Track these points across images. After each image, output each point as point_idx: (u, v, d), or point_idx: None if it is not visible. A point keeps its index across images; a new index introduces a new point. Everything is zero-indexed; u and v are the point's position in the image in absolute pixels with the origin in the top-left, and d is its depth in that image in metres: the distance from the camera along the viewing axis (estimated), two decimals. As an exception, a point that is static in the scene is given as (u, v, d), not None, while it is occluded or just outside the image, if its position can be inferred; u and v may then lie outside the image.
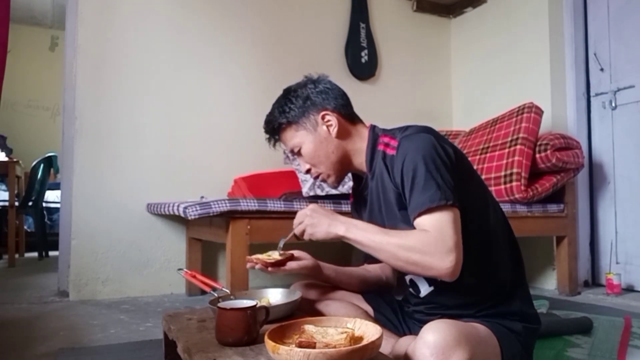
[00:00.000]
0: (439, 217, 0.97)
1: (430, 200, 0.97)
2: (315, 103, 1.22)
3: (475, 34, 3.57)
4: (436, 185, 0.98)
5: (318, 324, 0.92)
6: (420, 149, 1.02)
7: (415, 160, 1.01)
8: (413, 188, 1.01)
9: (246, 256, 1.21)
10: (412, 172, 1.01)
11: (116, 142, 2.67)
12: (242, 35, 3.03)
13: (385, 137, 1.16)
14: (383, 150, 1.14)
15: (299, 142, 1.22)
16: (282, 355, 0.77)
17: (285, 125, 1.23)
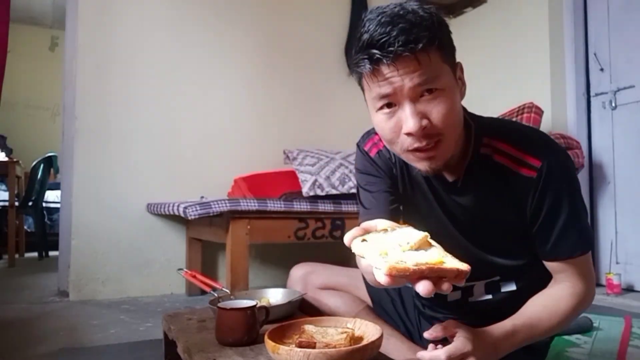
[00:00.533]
0: (587, 260, 0.94)
1: (589, 244, 0.93)
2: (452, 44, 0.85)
3: (475, 34, 3.56)
4: (589, 229, 0.94)
5: (318, 324, 0.92)
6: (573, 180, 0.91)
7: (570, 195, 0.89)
8: (569, 225, 0.89)
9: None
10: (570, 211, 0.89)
11: (116, 142, 2.67)
12: (242, 35, 3.03)
13: (499, 141, 0.90)
14: (501, 162, 0.90)
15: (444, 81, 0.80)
16: (282, 355, 0.77)
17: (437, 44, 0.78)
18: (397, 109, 0.81)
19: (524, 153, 0.88)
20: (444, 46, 0.80)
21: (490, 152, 0.91)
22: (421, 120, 0.79)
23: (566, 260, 0.92)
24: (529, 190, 0.88)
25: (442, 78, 0.80)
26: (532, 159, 0.87)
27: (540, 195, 0.88)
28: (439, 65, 0.79)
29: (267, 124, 3.06)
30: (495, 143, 0.91)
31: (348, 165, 2.61)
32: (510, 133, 0.92)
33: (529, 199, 0.89)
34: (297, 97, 3.18)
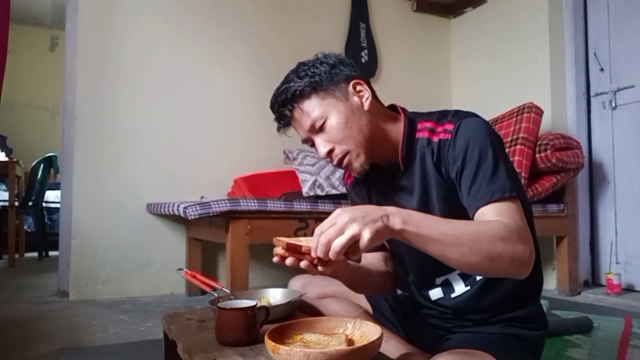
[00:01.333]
0: (510, 207, 0.87)
1: (501, 190, 0.87)
2: (344, 70, 1.05)
3: (475, 34, 3.57)
4: (506, 174, 0.90)
5: (318, 324, 0.92)
6: (485, 134, 0.93)
7: (482, 145, 0.91)
8: (477, 174, 0.90)
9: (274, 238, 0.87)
10: (478, 158, 0.91)
11: (116, 142, 2.67)
12: (242, 36, 3.03)
13: (427, 122, 1.03)
14: (428, 137, 1.01)
15: (325, 112, 1.01)
16: (282, 356, 0.76)
17: (308, 91, 1.02)
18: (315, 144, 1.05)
19: (442, 123, 1.00)
20: (320, 86, 1.02)
21: (422, 133, 1.03)
22: (325, 147, 1.02)
23: (489, 205, 0.87)
24: (444, 151, 0.97)
25: (325, 113, 1.02)
26: (447, 125, 0.99)
27: (451, 153, 0.95)
28: (319, 105, 1.02)
29: (267, 124, 3.02)
30: (424, 124, 1.04)
31: (348, 165, 2.61)
32: (434, 113, 1.05)
33: (447, 161, 0.96)
34: (297, 97, 3.18)
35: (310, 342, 0.84)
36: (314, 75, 1.02)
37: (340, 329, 0.90)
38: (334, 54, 1.08)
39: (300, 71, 1.04)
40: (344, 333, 0.88)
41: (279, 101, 1.05)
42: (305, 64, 1.06)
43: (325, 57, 1.07)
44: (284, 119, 1.06)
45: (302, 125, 1.04)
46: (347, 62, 1.07)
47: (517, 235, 0.82)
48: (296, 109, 1.03)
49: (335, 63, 1.05)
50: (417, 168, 1.03)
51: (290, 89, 1.02)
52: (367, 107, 1.03)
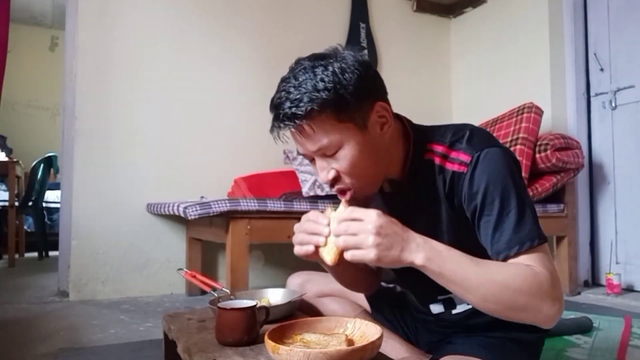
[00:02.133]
0: (540, 257, 0.81)
1: (530, 239, 0.81)
2: (373, 83, 0.90)
3: (475, 34, 3.57)
4: (532, 220, 0.83)
5: (318, 324, 0.92)
6: (506, 171, 0.85)
7: (504, 187, 0.84)
8: (501, 222, 0.83)
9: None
10: (500, 202, 0.83)
11: (116, 142, 2.67)
12: (242, 36, 3.03)
13: (438, 145, 0.92)
14: (440, 164, 0.91)
15: (339, 140, 0.86)
16: (282, 356, 0.76)
17: (326, 107, 0.83)
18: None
19: (457, 151, 0.90)
20: (341, 107, 0.84)
21: (431, 156, 0.93)
22: (328, 173, 0.88)
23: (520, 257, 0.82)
24: (463, 185, 0.88)
25: (340, 140, 0.86)
26: (463, 155, 0.88)
27: (468, 191, 0.87)
28: (335, 128, 0.85)
29: (267, 124, 3.04)
30: (435, 147, 0.93)
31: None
32: (446, 134, 0.93)
33: (462, 196, 0.88)
34: (297, 97, 3.18)
35: (310, 342, 0.84)
36: (337, 88, 0.83)
37: (340, 329, 0.90)
38: (358, 53, 0.91)
39: (319, 74, 0.84)
40: (344, 333, 0.88)
41: (284, 111, 0.85)
42: (326, 65, 0.85)
43: (350, 62, 0.87)
44: (283, 129, 0.88)
45: (305, 143, 0.88)
46: (374, 72, 0.94)
47: (546, 288, 0.78)
48: (304, 127, 0.85)
49: (362, 73, 0.87)
50: (423, 192, 0.94)
51: (303, 103, 0.83)
52: (387, 137, 0.91)
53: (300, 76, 0.85)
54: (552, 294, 0.78)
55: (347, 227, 0.79)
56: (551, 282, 0.79)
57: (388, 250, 0.76)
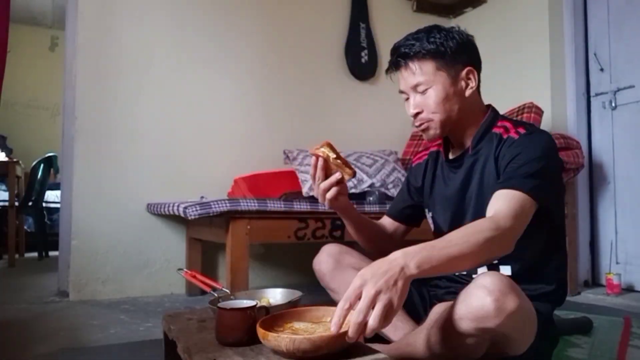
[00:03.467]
0: (523, 202, 0.99)
1: (529, 188, 1.00)
2: (469, 54, 1.16)
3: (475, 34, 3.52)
4: (541, 182, 1.02)
5: (307, 313, 0.97)
6: (545, 147, 1.07)
7: (538, 153, 1.05)
8: (520, 169, 1.03)
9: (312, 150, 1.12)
10: (528, 160, 1.04)
11: (116, 142, 2.67)
12: (242, 36, 3.03)
13: (506, 121, 1.17)
14: (500, 133, 1.14)
15: (432, 81, 1.13)
16: (271, 342, 0.83)
17: (430, 55, 1.12)
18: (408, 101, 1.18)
19: (517, 126, 1.14)
20: (441, 58, 1.12)
21: (498, 130, 1.16)
22: (415, 109, 1.16)
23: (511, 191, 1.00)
24: (509, 146, 1.10)
25: (432, 82, 1.12)
26: (521, 129, 1.13)
27: (513, 146, 1.09)
28: (432, 73, 1.12)
29: (267, 124, 3.06)
30: (503, 122, 1.18)
31: (348, 166, 2.61)
32: (514, 118, 1.23)
33: (507, 152, 1.09)
34: (297, 97, 3.18)
35: (298, 330, 0.89)
36: (442, 45, 1.11)
37: (328, 317, 0.94)
38: (467, 35, 1.18)
39: (432, 34, 1.13)
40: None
41: (400, 51, 1.14)
42: (440, 30, 1.14)
43: (459, 35, 1.15)
44: (396, 66, 1.16)
45: (406, 79, 1.15)
46: (474, 47, 1.18)
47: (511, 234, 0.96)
48: (410, 65, 1.13)
49: (464, 43, 1.15)
50: (482, 159, 1.15)
51: (415, 46, 1.12)
52: (468, 95, 1.15)
53: (420, 32, 1.15)
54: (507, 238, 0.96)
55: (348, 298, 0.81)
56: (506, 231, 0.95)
57: (395, 282, 0.81)
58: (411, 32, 1.16)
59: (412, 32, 1.16)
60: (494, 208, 1.00)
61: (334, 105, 3.29)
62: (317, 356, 0.82)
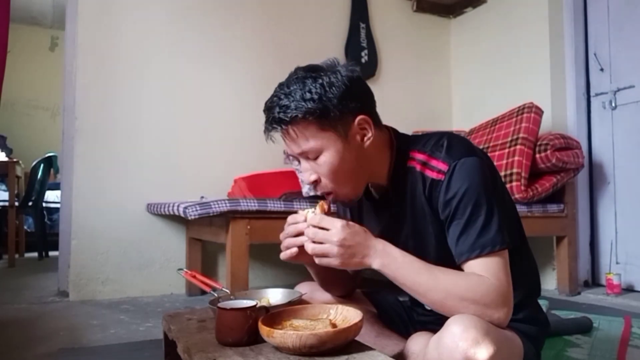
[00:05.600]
0: (496, 262, 0.90)
1: (491, 244, 0.90)
2: (357, 98, 0.97)
3: (475, 34, 3.57)
4: (497, 227, 0.90)
5: (304, 311, 0.99)
6: (480, 180, 0.92)
7: (477, 196, 0.91)
8: (468, 227, 0.91)
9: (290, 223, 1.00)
10: (472, 208, 0.91)
11: (116, 142, 2.67)
12: (242, 35, 3.03)
13: (419, 153, 1.00)
14: (420, 171, 0.99)
15: (321, 146, 0.95)
16: (277, 339, 0.84)
17: (310, 116, 0.93)
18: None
19: (436, 159, 0.97)
20: (324, 116, 0.93)
21: (413, 163, 1.01)
22: (310, 175, 1.00)
23: (476, 260, 0.90)
24: (440, 192, 0.95)
25: (320, 147, 0.95)
26: (441, 164, 0.96)
27: (442, 198, 0.94)
28: (317, 135, 0.95)
29: (267, 124, 3.06)
30: (416, 154, 1.01)
31: (348, 165, 2.61)
32: (428, 143, 1.00)
33: (437, 202, 0.96)
34: (297, 97, 3.18)
35: (299, 327, 0.91)
36: (323, 100, 0.93)
37: (324, 315, 0.98)
38: (350, 69, 0.98)
39: (307, 85, 0.94)
40: (328, 318, 0.96)
41: (274, 115, 0.96)
42: (316, 77, 0.94)
43: (340, 79, 0.95)
44: (272, 131, 1.00)
45: (291, 145, 0.99)
46: (360, 87, 1.00)
47: (491, 298, 0.87)
48: (290, 131, 0.96)
49: (347, 88, 0.95)
50: (408, 197, 1.02)
51: (290, 110, 0.93)
52: (367, 147, 0.99)
53: (292, 85, 0.96)
54: (496, 302, 0.87)
55: (314, 234, 0.91)
56: (498, 290, 0.88)
57: (351, 258, 0.90)
58: (282, 85, 0.98)
59: (283, 84, 0.98)
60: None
61: (334, 105, 3.28)
62: (320, 351, 0.84)
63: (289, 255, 0.99)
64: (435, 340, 0.86)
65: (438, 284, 0.88)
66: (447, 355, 0.81)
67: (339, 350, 0.86)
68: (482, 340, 0.80)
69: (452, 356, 0.81)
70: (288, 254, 0.99)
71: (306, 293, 1.23)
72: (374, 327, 1.17)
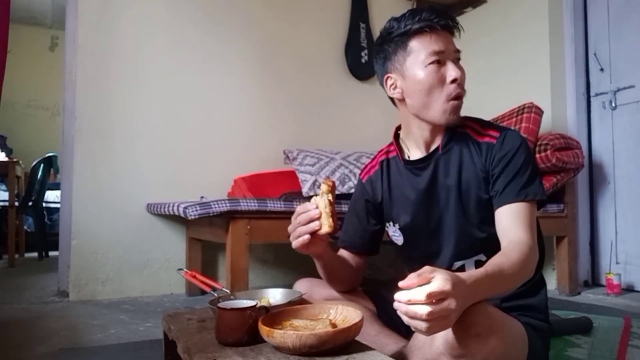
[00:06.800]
0: (531, 212, 1.04)
1: (533, 193, 1.04)
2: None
3: (475, 34, 3.56)
4: (539, 182, 1.07)
5: (304, 311, 0.99)
6: (525, 147, 1.09)
7: (526, 155, 1.08)
8: (517, 176, 1.05)
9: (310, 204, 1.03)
10: (522, 163, 1.06)
11: (116, 142, 2.67)
12: (242, 36, 3.03)
13: (470, 121, 1.17)
14: (472, 135, 1.14)
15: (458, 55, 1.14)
16: (277, 339, 0.84)
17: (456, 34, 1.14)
18: (442, 66, 1.10)
19: (487, 128, 1.14)
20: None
21: (466, 129, 1.15)
22: (458, 74, 1.10)
23: (511, 205, 1.03)
24: (490, 154, 1.09)
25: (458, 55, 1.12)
26: (493, 132, 1.12)
27: (497, 156, 1.08)
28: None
29: (267, 124, 3.06)
30: (470, 123, 1.17)
31: (348, 166, 2.61)
32: (480, 119, 1.19)
33: (491, 161, 1.09)
34: (297, 97, 3.18)
35: (299, 327, 0.91)
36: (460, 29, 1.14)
37: (324, 315, 0.98)
38: None
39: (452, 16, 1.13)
40: (328, 318, 0.96)
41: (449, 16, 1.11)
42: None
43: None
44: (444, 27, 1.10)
45: (451, 44, 1.12)
46: None
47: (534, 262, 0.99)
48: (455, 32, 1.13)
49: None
50: (456, 155, 1.13)
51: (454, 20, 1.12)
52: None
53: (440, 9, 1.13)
54: (534, 264, 1.00)
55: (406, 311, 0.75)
56: (534, 254, 0.99)
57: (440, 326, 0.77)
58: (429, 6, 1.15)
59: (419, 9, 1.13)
60: (511, 232, 1.01)
61: (333, 105, 3.29)
62: (320, 351, 0.84)
63: (302, 242, 1.01)
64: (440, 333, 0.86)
65: (512, 280, 0.93)
66: (452, 346, 0.83)
67: (339, 350, 0.86)
68: (485, 332, 0.83)
69: (456, 348, 0.83)
70: (300, 241, 1.01)
71: (306, 293, 1.23)
72: (373, 326, 1.17)
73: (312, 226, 0.99)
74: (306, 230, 1.00)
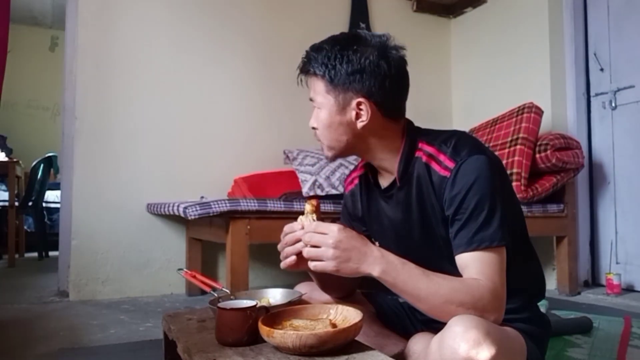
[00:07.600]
0: (491, 259, 0.92)
1: (489, 240, 0.92)
2: (363, 82, 1.02)
3: (475, 34, 3.57)
4: (498, 224, 0.93)
5: (304, 311, 0.99)
6: (486, 179, 0.95)
7: (482, 194, 0.94)
8: (470, 221, 0.94)
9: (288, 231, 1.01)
10: (475, 205, 0.94)
11: (116, 142, 2.67)
12: (242, 35, 3.03)
13: (428, 146, 1.04)
14: (426, 162, 1.02)
15: (320, 103, 1.05)
16: (277, 339, 0.84)
17: (320, 76, 1.03)
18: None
19: (444, 155, 1.00)
20: (330, 82, 1.02)
21: (421, 154, 1.04)
22: (312, 121, 1.08)
23: (474, 253, 0.92)
24: (443, 191, 0.98)
25: (321, 104, 1.05)
26: (448, 161, 0.99)
27: (449, 195, 0.97)
28: (321, 94, 1.04)
29: (267, 124, 3.06)
30: (425, 146, 1.05)
31: (348, 166, 2.61)
32: (437, 138, 1.04)
33: (444, 200, 0.99)
34: (297, 97, 3.15)
35: (299, 327, 0.91)
36: (334, 68, 1.01)
37: (324, 315, 0.98)
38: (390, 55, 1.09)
39: (334, 50, 1.02)
40: (328, 318, 0.96)
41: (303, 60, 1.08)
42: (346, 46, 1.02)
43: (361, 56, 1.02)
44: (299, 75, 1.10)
45: (309, 89, 1.09)
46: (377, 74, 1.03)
47: (487, 302, 0.89)
48: (308, 79, 1.08)
49: (362, 69, 1.01)
50: (414, 187, 1.04)
51: (312, 62, 1.04)
52: (359, 127, 1.04)
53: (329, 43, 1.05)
54: (492, 305, 0.90)
55: (310, 238, 0.92)
56: (493, 293, 0.90)
57: (346, 262, 0.90)
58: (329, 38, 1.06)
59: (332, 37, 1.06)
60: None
61: (334, 105, 3.28)
62: (320, 351, 0.84)
63: (288, 263, 0.99)
64: (437, 340, 0.86)
65: (439, 290, 0.89)
66: (449, 356, 0.81)
67: (339, 350, 0.86)
68: (483, 340, 0.80)
69: (453, 357, 0.81)
70: (288, 262, 1.00)
71: (306, 293, 1.23)
72: (372, 327, 1.17)
73: (298, 247, 0.97)
74: (293, 250, 0.99)
